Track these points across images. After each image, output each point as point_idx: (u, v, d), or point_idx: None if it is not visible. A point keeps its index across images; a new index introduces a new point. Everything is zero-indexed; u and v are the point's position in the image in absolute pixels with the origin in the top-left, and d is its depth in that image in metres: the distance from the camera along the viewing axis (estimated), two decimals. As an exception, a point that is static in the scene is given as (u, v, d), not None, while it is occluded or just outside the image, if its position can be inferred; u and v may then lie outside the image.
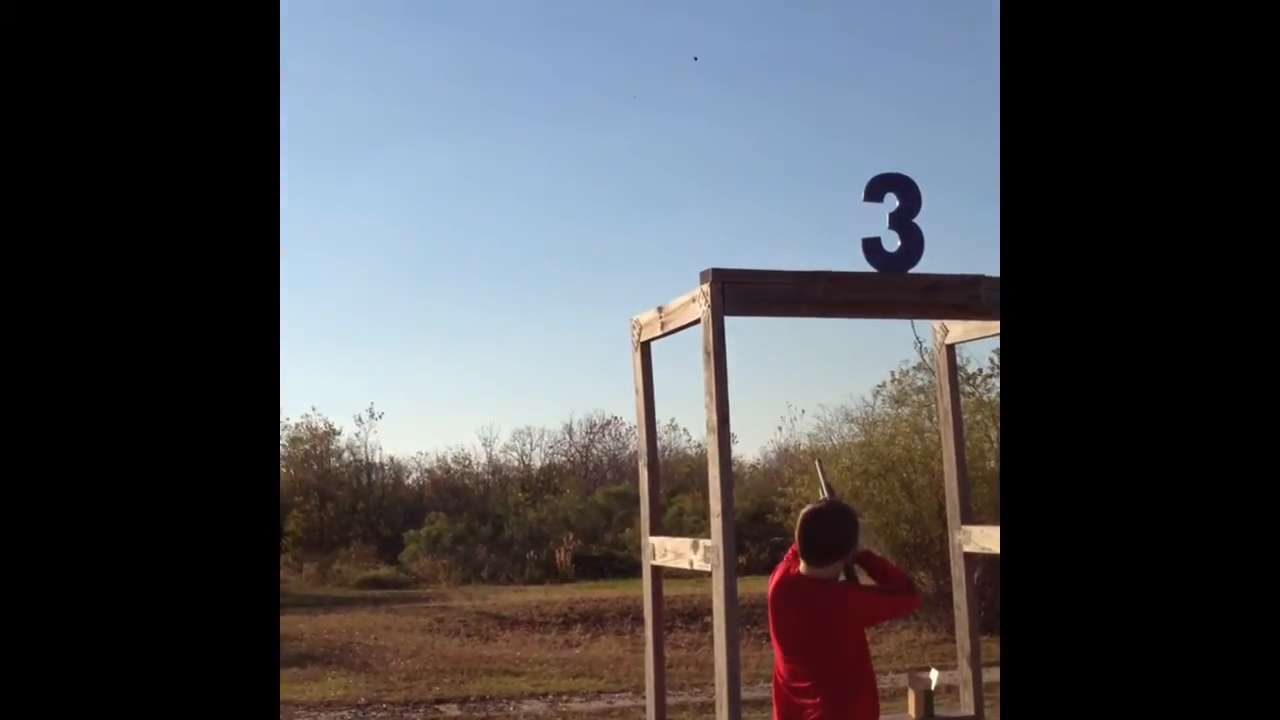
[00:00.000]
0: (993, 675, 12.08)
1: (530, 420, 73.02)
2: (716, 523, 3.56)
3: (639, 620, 12.36)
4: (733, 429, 3.60)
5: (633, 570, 18.60)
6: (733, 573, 3.53)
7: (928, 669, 4.34)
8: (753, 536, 21.31)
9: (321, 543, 26.06)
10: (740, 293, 3.60)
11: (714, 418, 3.55)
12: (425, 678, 11.88)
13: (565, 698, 10.81)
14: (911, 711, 4.19)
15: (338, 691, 11.08)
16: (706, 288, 3.57)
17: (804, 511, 4.00)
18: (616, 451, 39.04)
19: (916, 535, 14.39)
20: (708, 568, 3.65)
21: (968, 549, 4.27)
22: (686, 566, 3.88)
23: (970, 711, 4.23)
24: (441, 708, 10.58)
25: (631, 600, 16.67)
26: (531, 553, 26.42)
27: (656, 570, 4.26)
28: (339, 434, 30.60)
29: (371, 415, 31.94)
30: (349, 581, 22.53)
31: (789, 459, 25.82)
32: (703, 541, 3.75)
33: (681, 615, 17.13)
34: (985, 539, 4.19)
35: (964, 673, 4.29)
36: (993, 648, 14.60)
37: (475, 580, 25.23)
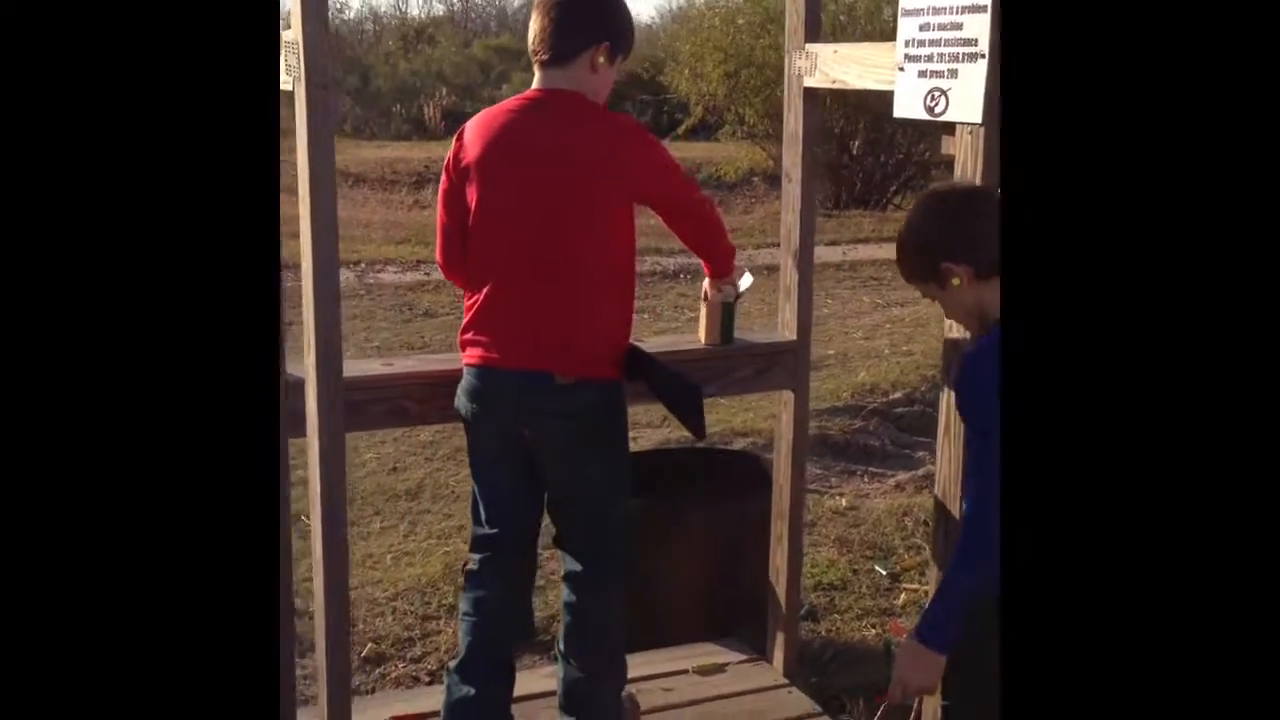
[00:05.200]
0: (838, 258, 10.88)
1: (410, -37, 68.71)
2: None
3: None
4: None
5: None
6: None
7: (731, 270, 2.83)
8: (634, 99, 20.19)
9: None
10: None
11: None
12: (226, 238, 10.35)
13: (379, 267, 9.43)
14: (702, 334, 2.75)
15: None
16: None
17: None
18: (503, 2, 36.83)
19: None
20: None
21: (811, 81, 2.66)
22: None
23: (790, 335, 2.78)
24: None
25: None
26: (399, 107, 25.20)
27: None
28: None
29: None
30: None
31: (684, 18, 24.33)
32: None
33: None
34: (839, 66, 2.58)
35: (787, 276, 2.80)
36: (862, 224, 13.51)
37: (337, 134, 23.89)
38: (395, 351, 6.82)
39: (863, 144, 12.54)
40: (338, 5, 35.87)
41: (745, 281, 2.72)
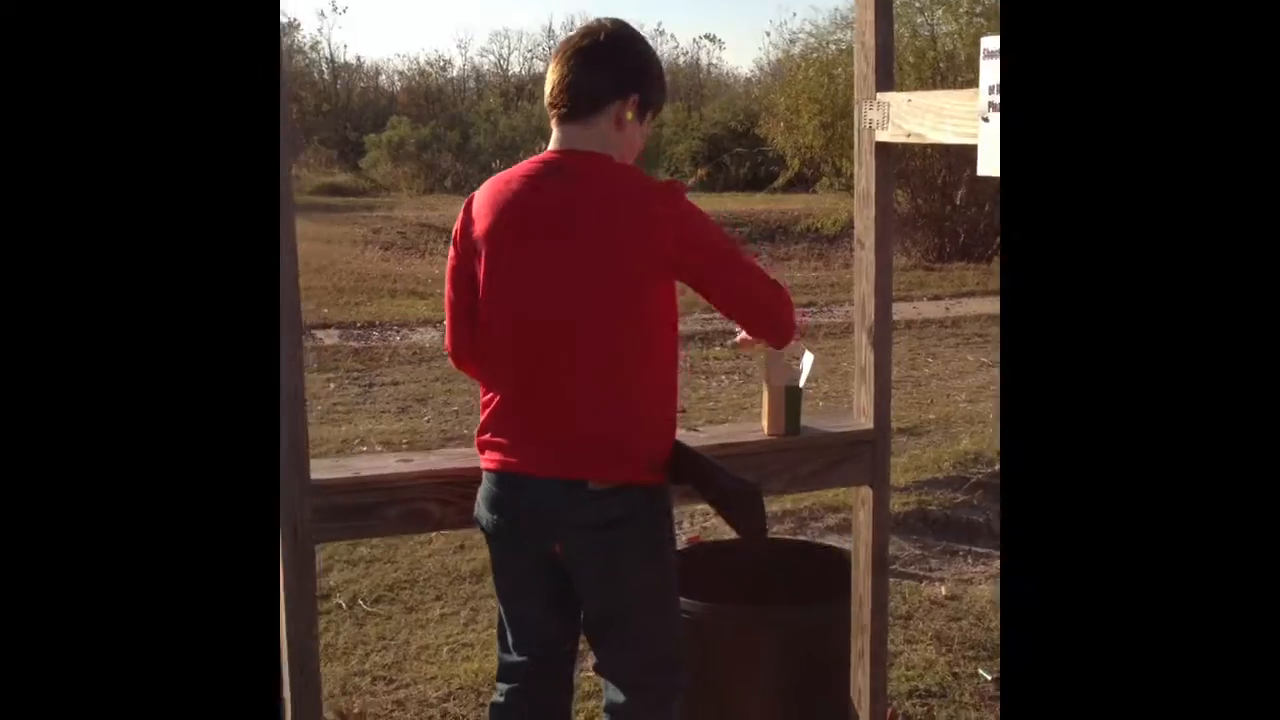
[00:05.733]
0: (941, 313, 10.53)
1: (508, 22, 69.94)
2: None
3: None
4: (721, 35, 1.86)
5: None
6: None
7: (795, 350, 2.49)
8: (730, 152, 20.06)
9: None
10: None
11: None
12: (317, 297, 10.31)
13: (466, 327, 9.27)
14: (765, 422, 2.42)
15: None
16: None
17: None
18: (603, 58, 36.85)
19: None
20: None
21: (884, 135, 2.32)
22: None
23: (866, 422, 2.43)
24: (320, 334, 9.08)
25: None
26: (498, 162, 25.50)
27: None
28: (299, 28, 28.86)
29: (335, 9, 29.91)
30: (305, 187, 20.70)
31: (781, 72, 24.39)
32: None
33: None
34: (914, 118, 2.23)
35: (862, 355, 2.46)
36: (965, 277, 13.15)
37: (438, 190, 24.18)
38: (473, 416, 6.59)
39: (967, 194, 12.07)
40: (440, 64, 36.46)
41: (807, 362, 2.38)
